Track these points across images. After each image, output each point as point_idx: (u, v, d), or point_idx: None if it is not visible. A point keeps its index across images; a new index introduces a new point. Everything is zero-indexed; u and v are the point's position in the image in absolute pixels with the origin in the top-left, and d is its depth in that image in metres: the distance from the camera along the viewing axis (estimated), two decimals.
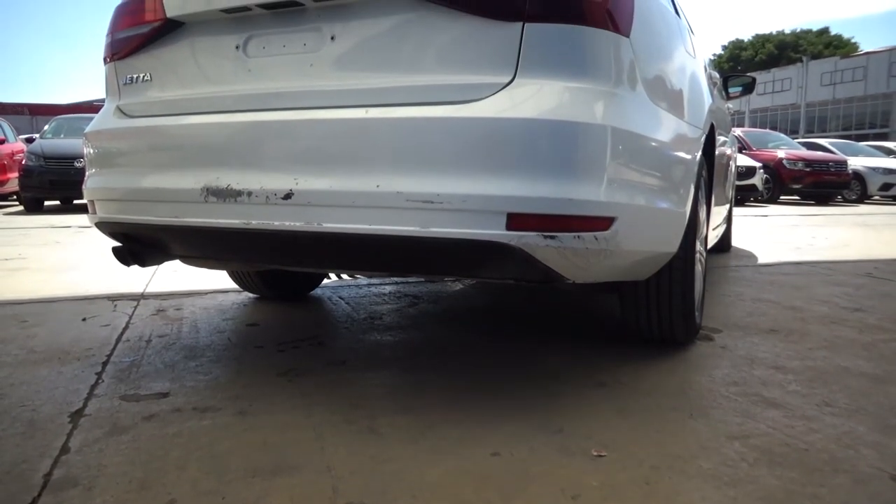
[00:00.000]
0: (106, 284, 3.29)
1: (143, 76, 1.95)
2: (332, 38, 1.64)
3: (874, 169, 13.62)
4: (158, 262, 2.21)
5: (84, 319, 2.56)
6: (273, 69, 1.72)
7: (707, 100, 2.37)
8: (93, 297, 2.97)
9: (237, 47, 1.76)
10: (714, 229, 3.18)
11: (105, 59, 2.06)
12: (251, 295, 3.01)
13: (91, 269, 3.79)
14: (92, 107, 23.71)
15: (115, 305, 2.81)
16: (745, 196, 11.33)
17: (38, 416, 1.57)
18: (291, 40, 1.69)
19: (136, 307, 2.78)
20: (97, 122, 2.05)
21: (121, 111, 1.98)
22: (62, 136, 10.07)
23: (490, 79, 1.48)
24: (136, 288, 3.20)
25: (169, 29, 1.87)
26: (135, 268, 2.27)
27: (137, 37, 1.93)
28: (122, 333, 2.35)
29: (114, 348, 2.15)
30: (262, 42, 1.73)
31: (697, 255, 2.17)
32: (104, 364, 1.98)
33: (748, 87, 4.13)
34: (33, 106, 33.54)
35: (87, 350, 2.12)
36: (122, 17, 1.99)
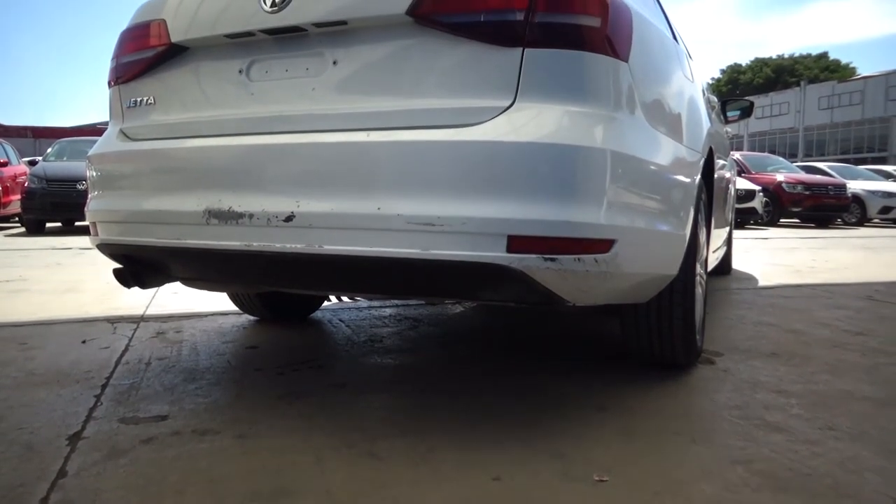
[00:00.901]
0: (106, 306, 3.28)
1: (147, 100, 1.97)
2: (335, 62, 1.66)
3: (873, 192, 13.67)
4: (159, 283, 2.21)
5: (84, 342, 2.55)
6: (276, 93, 1.73)
7: (705, 124, 2.38)
8: (93, 320, 2.97)
9: (240, 71, 1.78)
10: (714, 252, 3.19)
11: (110, 83, 2.08)
12: (251, 317, 3.01)
13: (91, 290, 3.79)
14: (95, 129, 23.89)
15: (115, 328, 2.81)
16: (745, 219, 11.35)
17: (35, 439, 1.56)
18: (294, 65, 1.71)
19: (135, 329, 2.77)
20: (100, 145, 2.06)
21: (124, 134, 1.99)
22: (65, 158, 10.13)
23: (490, 103, 1.50)
24: (136, 310, 3.20)
25: (173, 53, 1.89)
26: (135, 289, 2.27)
27: (142, 61, 1.95)
28: (121, 356, 2.34)
29: (113, 371, 2.14)
30: (265, 66, 1.76)
31: (698, 278, 2.17)
32: (103, 386, 1.97)
33: (746, 111, 4.16)
34: (37, 129, 33.78)
35: (87, 372, 2.12)
36: (128, 42, 2.01)
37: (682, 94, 2.11)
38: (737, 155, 12.55)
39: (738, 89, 55.77)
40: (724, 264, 4.59)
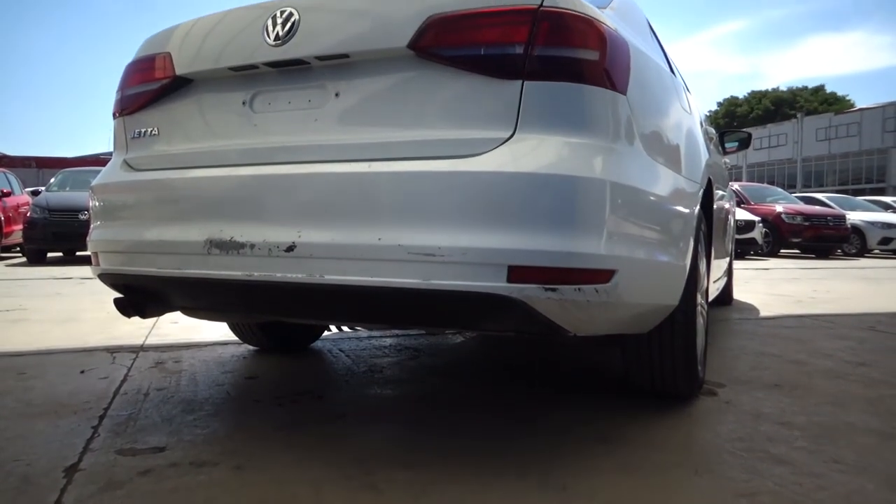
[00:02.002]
0: (105, 336, 3.27)
1: (151, 131, 1.99)
2: (337, 94, 1.68)
3: (873, 223, 13.71)
4: (159, 313, 2.20)
5: (82, 372, 2.53)
6: (278, 124, 1.75)
7: (704, 155, 2.41)
8: (92, 349, 2.95)
9: (244, 103, 1.80)
10: (715, 282, 3.18)
11: (114, 114, 2.10)
12: (251, 347, 2.99)
13: (91, 320, 3.78)
14: (98, 160, 24.07)
15: (114, 357, 2.80)
16: (745, 249, 11.36)
17: (32, 471, 1.54)
18: (297, 97, 1.74)
19: (134, 359, 2.76)
20: (104, 175, 2.08)
21: (128, 165, 2.01)
22: (68, 188, 10.20)
23: (491, 134, 1.51)
24: (136, 340, 3.19)
25: (178, 85, 1.92)
26: (135, 319, 2.27)
27: (147, 93, 1.98)
28: (119, 386, 2.32)
29: (111, 401, 2.13)
30: (269, 98, 1.78)
31: (699, 308, 2.17)
32: (101, 417, 1.96)
33: (744, 143, 4.20)
34: (41, 159, 34.02)
35: (85, 403, 2.10)
36: (133, 75, 2.04)
37: (680, 126, 2.14)
38: (736, 185, 12.62)
39: (735, 121, 56.35)
40: (725, 295, 4.58)
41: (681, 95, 2.32)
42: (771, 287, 6.21)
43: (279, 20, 1.72)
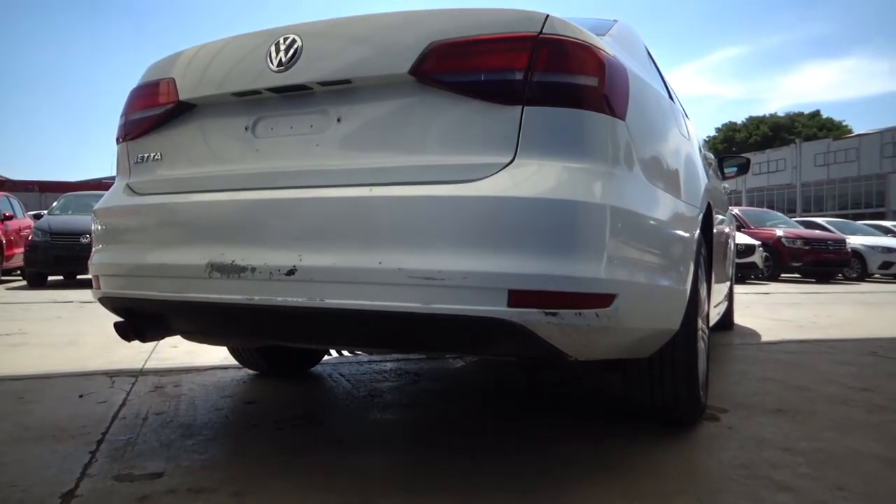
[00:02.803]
0: (105, 360, 3.26)
1: (154, 155, 2.00)
2: (339, 119, 1.70)
3: (873, 247, 13.72)
4: (159, 337, 2.20)
5: (81, 396, 2.52)
6: (280, 149, 1.77)
7: (703, 179, 2.42)
8: (91, 373, 2.94)
9: (246, 128, 1.82)
10: (716, 307, 3.18)
11: (118, 139, 2.12)
12: (251, 371, 2.98)
13: (91, 344, 3.76)
14: (101, 184, 24.17)
15: (113, 382, 2.78)
16: (745, 274, 11.36)
17: (28, 497, 1.53)
18: (299, 122, 1.75)
19: (134, 383, 2.75)
20: (107, 199, 2.09)
21: (130, 189, 2.02)
22: (70, 212, 10.24)
23: (491, 159, 1.52)
24: (136, 364, 3.17)
25: (181, 111, 1.94)
26: (135, 343, 2.26)
27: (150, 118, 2.00)
28: (118, 410, 2.31)
29: (109, 426, 2.11)
30: (271, 123, 1.80)
31: (700, 333, 2.16)
32: (99, 442, 1.94)
33: (743, 168, 4.22)
34: (43, 183, 34.19)
35: (83, 427, 2.09)
36: (137, 100, 2.06)
37: (679, 151, 2.15)
38: (735, 210, 12.65)
39: (734, 147, 56.69)
40: (726, 319, 4.57)
41: (679, 121, 2.34)
42: (772, 312, 6.20)
43: (282, 46, 1.74)
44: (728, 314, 4.60)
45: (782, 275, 12.86)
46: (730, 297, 4.47)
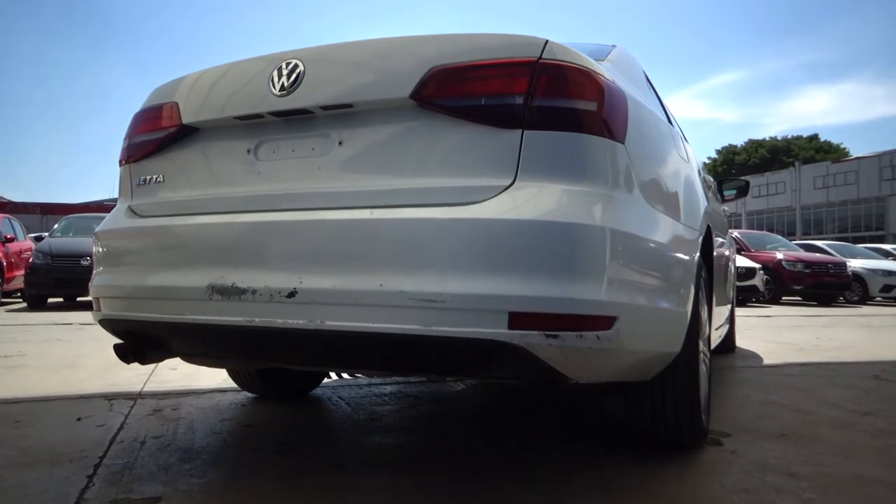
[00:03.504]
0: (104, 382, 3.24)
1: (157, 177, 2.02)
2: (340, 143, 1.71)
3: (874, 271, 13.71)
4: (159, 359, 2.19)
5: (79, 419, 2.51)
6: (282, 172, 1.78)
7: (702, 202, 2.43)
8: (89, 396, 2.92)
9: (248, 151, 1.83)
10: (717, 329, 3.17)
11: (121, 162, 2.14)
12: (250, 394, 2.96)
13: (90, 366, 3.75)
14: (102, 206, 24.26)
15: (112, 404, 2.77)
16: (746, 297, 11.34)
17: None
18: (301, 145, 1.77)
19: (132, 406, 2.73)
20: (108, 221, 2.10)
21: (132, 211, 2.03)
22: (71, 234, 10.26)
23: (491, 181, 1.53)
24: (134, 387, 3.16)
25: (184, 134, 1.95)
26: (134, 365, 2.25)
27: (153, 141, 2.02)
28: (116, 434, 2.29)
29: (107, 449, 2.10)
30: (273, 146, 1.81)
31: (701, 356, 2.15)
32: (96, 466, 1.93)
33: (742, 191, 4.24)
34: (45, 205, 34.35)
35: (80, 451, 2.07)
36: (141, 123, 2.08)
37: (679, 174, 2.16)
38: (735, 233, 12.66)
39: (733, 169, 56.92)
40: (728, 342, 4.55)
41: (678, 144, 2.36)
42: (774, 334, 6.18)
43: (285, 71, 1.76)
44: (730, 337, 4.58)
45: (783, 298, 12.84)
46: (731, 319, 4.46)
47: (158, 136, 2.01)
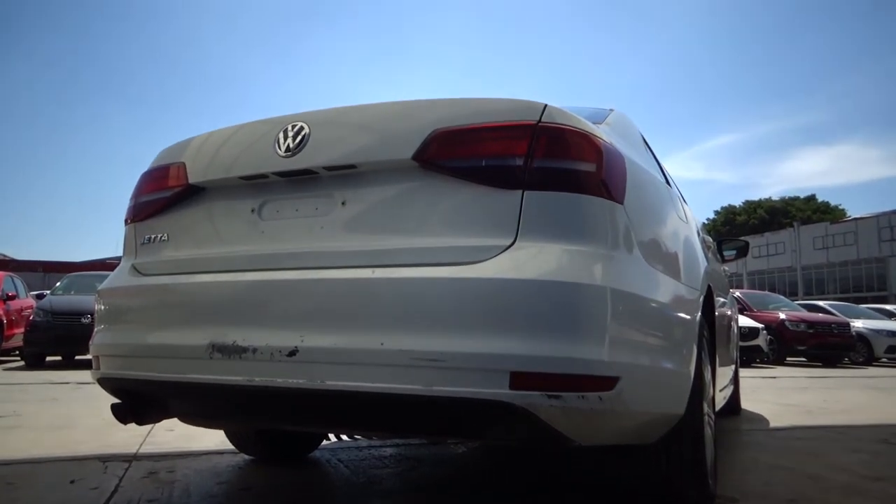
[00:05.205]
0: (99, 444, 3.18)
1: (161, 236, 2.04)
2: (343, 203, 1.74)
3: (878, 331, 13.60)
4: (157, 419, 2.16)
5: (72, 482, 2.45)
6: (285, 231, 1.80)
7: (702, 262, 2.44)
8: (84, 458, 2.87)
9: (253, 211, 1.86)
10: (721, 391, 3.13)
11: (126, 221, 2.16)
12: (247, 457, 2.90)
13: (85, 427, 3.69)
14: (105, 264, 24.33)
15: (107, 466, 2.71)
16: (750, 357, 11.22)
17: None
18: (304, 205, 1.79)
19: (127, 468, 2.67)
20: (112, 279, 2.11)
21: (136, 269, 2.05)
22: (73, 292, 10.24)
23: (492, 241, 1.55)
24: (130, 448, 3.10)
25: (190, 194, 1.99)
26: (130, 426, 2.22)
27: (160, 200, 2.05)
28: (110, 497, 2.24)
29: None
30: (277, 206, 1.84)
31: (706, 418, 2.12)
32: None
33: (742, 251, 4.26)
34: (47, 263, 34.48)
35: None
36: (148, 183, 2.12)
37: (678, 234, 2.18)
38: (737, 293, 12.64)
39: (734, 230, 57.34)
40: (733, 403, 4.48)
41: (677, 205, 2.39)
42: (779, 396, 6.08)
43: (290, 133, 1.80)
44: (734, 398, 4.51)
45: (788, 358, 12.70)
46: (735, 380, 4.40)
47: (165, 195, 2.04)
